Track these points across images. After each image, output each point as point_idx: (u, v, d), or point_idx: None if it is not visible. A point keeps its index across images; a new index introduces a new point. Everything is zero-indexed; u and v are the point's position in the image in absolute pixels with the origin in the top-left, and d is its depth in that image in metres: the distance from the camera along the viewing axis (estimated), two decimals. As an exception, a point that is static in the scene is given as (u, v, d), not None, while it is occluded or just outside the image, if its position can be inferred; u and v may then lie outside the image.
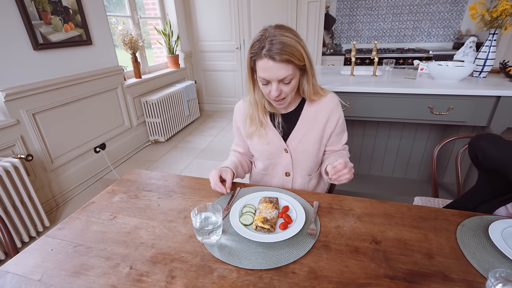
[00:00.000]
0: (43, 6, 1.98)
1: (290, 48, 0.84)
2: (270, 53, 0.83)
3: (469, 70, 1.71)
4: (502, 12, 1.58)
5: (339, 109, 1.06)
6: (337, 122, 1.05)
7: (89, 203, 0.98)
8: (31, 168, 1.99)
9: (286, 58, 0.84)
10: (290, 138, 1.06)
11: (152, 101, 3.08)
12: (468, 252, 0.71)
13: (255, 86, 1.00)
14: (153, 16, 3.67)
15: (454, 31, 3.79)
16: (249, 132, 1.07)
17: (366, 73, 2.26)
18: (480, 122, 1.67)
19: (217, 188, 0.95)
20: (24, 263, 0.74)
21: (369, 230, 0.80)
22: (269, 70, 0.86)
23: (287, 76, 0.87)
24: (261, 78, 0.90)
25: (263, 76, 0.88)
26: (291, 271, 0.68)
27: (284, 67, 0.85)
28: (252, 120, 1.05)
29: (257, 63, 0.89)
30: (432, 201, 1.33)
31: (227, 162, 1.11)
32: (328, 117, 1.04)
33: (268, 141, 1.06)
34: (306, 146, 1.05)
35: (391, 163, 2.22)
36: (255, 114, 1.04)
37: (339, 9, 4.02)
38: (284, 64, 0.85)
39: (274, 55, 0.83)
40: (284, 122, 1.06)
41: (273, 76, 0.87)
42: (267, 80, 0.89)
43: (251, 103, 1.04)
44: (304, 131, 1.05)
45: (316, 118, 1.04)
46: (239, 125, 1.13)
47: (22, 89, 1.87)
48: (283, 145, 1.06)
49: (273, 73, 0.86)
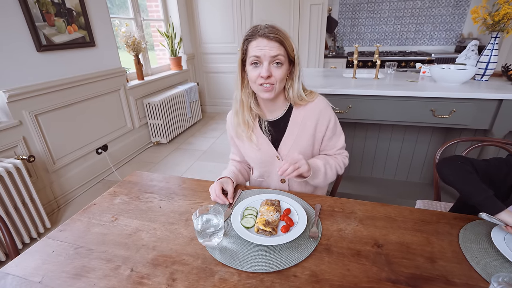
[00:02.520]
0: (47, 8, 1.99)
1: (283, 34, 0.90)
2: (265, 33, 0.88)
3: (471, 73, 1.70)
4: (504, 16, 1.58)
5: (328, 111, 1.03)
6: (327, 125, 1.03)
7: (91, 205, 0.98)
8: (33, 169, 2.00)
9: (279, 39, 0.89)
10: (281, 145, 1.05)
11: (155, 103, 3.09)
12: (470, 256, 0.71)
13: (243, 84, 1.01)
14: (156, 18, 3.69)
15: (456, 34, 3.79)
16: (238, 132, 1.06)
17: (368, 76, 2.26)
18: (482, 125, 1.67)
19: (218, 200, 0.95)
20: (24, 264, 0.74)
21: (371, 234, 0.80)
22: (262, 48, 0.89)
23: (278, 54, 0.89)
24: (252, 57, 0.91)
25: (256, 53, 0.89)
26: (292, 275, 0.67)
27: (277, 47, 0.89)
28: (238, 119, 1.04)
29: (250, 44, 0.91)
30: (434, 205, 1.33)
31: (227, 172, 1.10)
32: (317, 121, 1.02)
33: (259, 147, 1.06)
34: (298, 152, 1.02)
35: (393, 166, 2.21)
36: (240, 112, 1.03)
37: (342, 12, 4.02)
38: (277, 43, 0.89)
39: (268, 34, 0.88)
40: (273, 130, 1.05)
41: (266, 54, 0.88)
42: (259, 57, 0.89)
43: (237, 100, 1.03)
44: (294, 137, 1.03)
45: (306, 123, 1.02)
46: (232, 134, 1.13)
47: (25, 90, 1.88)
48: (275, 152, 1.05)
49: (266, 51, 0.88)
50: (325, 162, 1.01)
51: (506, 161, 0.88)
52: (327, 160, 1.04)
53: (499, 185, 0.87)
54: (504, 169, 0.87)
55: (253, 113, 1.05)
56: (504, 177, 0.87)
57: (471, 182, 0.82)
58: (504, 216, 0.74)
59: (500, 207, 0.75)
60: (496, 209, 0.75)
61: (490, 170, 0.89)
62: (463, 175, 0.85)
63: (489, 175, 0.88)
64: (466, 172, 0.85)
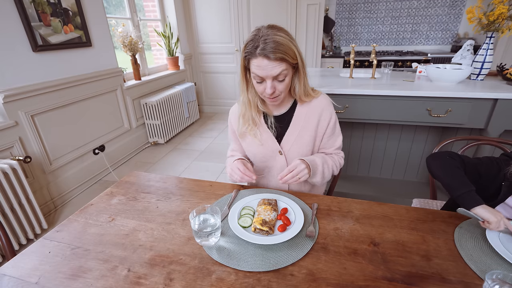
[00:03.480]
0: (43, 8, 1.98)
1: (283, 47, 0.86)
2: (265, 52, 0.85)
3: (466, 73, 1.72)
4: (499, 16, 1.59)
5: (330, 109, 1.06)
6: (328, 122, 1.05)
7: (88, 205, 0.98)
8: (29, 170, 1.99)
9: (280, 56, 0.86)
10: (284, 140, 1.07)
11: (152, 103, 3.08)
12: (465, 254, 0.72)
13: (248, 86, 1.02)
14: (153, 18, 3.68)
15: (452, 34, 3.81)
16: (242, 131, 1.08)
17: (365, 75, 2.27)
18: (478, 124, 1.68)
19: (245, 177, 0.94)
20: (21, 265, 0.73)
21: (367, 232, 0.80)
22: (263, 68, 0.88)
23: (281, 73, 0.89)
24: (255, 76, 0.92)
25: (258, 73, 0.90)
26: (289, 273, 0.68)
27: (278, 65, 0.87)
28: (245, 119, 1.06)
29: (251, 61, 0.90)
30: (430, 203, 1.34)
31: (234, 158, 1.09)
32: (319, 117, 1.04)
33: (262, 143, 1.07)
34: (299, 147, 1.05)
35: (390, 165, 2.22)
36: (248, 113, 1.05)
37: (338, 12, 4.03)
38: (278, 62, 0.87)
39: (268, 53, 0.85)
40: (277, 124, 1.07)
41: (268, 74, 0.88)
42: (261, 78, 0.91)
43: (244, 102, 1.05)
44: (297, 132, 1.05)
45: (308, 119, 1.05)
46: (234, 129, 1.13)
47: (21, 90, 1.87)
48: (278, 147, 1.07)
49: (268, 71, 0.88)
50: (323, 161, 1.02)
51: (497, 160, 0.89)
52: (325, 159, 1.05)
53: (489, 184, 0.88)
54: (494, 168, 0.88)
55: (258, 110, 1.07)
56: (494, 175, 0.88)
57: (454, 176, 0.84)
58: (480, 210, 0.75)
59: (477, 202, 0.76)
60: (472, 204, 0.76)
61: (481, 168, 0.90)
62: (449, 169, 0.86)
63: (480, 173, 0.90)
64: (452, 167, 0.86)
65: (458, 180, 0.82)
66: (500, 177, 0.87)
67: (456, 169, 0.85)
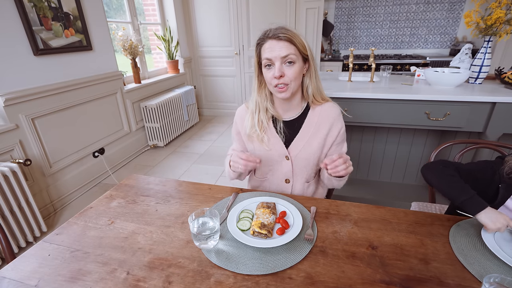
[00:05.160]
0: (44, 12, 2.00)
1: (292, 32, 0.92)
2: (275, 34, 0.91)
3: (465, 76, 1.73)
4: (496, 20, 1.60)
5: (341, 119, 1.07)
6: (339, 131, 1.06)
7: (87, 208, 0.98)
8: (29, 173, 1.99)
9: (289, 37, 0.90)
10: (292, 145, 1.07)
11: (152, 106, 3.09)
12: (463, 258, 0.72)
13: (260, 86, 1.03)
14: (153, 22, 3.71)
15: (451, 37, 3.83)
16: (250, 133, 1.07)
17: (364, 79, 2.28)
18: (476, 128, 1.69)
19: (249, 163, 0.93)
20: (20, 268, 0.74)
21: (365, 236, 0.81)
22: (272, 49, 0.91)
23: (289, 54, 0.91)
24: (265, 60, 0.94)
25: (267, 56, 0.92)
26: (288, 277, 0.68)
27: (287, 46, 0.91)
28: (253, 118, 1.06)
29: (262, 48, 0.94)
30: (429, 207, 1.34)
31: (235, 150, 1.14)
32: (330, 126, 1.05)
33: (270, 148, 1.06)
34: (307, 154, 1.06)
35: (389, 168, 2.22)
36: (256, 113, 1.05)
37: (337, 16, 4.06)
38: (287, 42, 0.91)
39: (277, 34, 0.90)
40: (287, 129, 1.07)
41: (276, 55, 0.91)
42: (270, 59, 0.92)
43: (253, 102, 1.06)
44: (307, 139, 1.05)
45: (319, 127, 1.05)
46: (239, 129, 1.13)
47: (21, 94, 1.88)
48: (285, 152, 1.07)
49: (276, 52, 0.91)
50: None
51: (493, 163, 0.90)
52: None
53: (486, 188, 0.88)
54: (490, 171, 0.89)
55: (268, 114, 1.07)
56: (490, 179, 0.88)
57: (452, 185, 0.85)
58: (482, 217, 0.76)
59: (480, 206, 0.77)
60: (476, 209, 0.77)
61: (477, 172, 0.91)
62: (445, 178, 0.87)
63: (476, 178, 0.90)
64: (448, 175, 0.87)
65: (456, 189, 0.83)
66: (496, 179, 0.87)
67: (451, 177, 0.86)
